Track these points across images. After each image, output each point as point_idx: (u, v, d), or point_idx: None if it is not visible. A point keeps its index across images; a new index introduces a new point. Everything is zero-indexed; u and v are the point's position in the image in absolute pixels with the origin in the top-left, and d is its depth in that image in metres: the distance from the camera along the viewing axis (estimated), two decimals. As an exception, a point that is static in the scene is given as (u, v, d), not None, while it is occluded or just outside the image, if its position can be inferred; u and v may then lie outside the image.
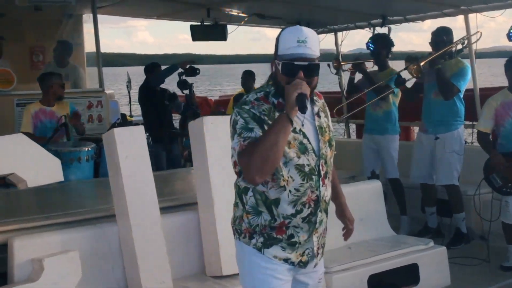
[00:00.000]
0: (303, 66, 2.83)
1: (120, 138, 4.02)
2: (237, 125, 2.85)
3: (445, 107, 6.56)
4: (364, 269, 4.63)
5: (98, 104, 8.22)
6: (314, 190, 2.94)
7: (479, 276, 5.71)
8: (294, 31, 2.87)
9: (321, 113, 3.05)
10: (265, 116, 2.86)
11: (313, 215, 2.97)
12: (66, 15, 8.98)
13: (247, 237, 2.98)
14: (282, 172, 2.87)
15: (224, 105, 10.97)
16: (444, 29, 6.68)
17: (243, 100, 2.93)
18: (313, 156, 2.93)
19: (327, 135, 3.02)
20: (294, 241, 2.95)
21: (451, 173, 6.57)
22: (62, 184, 5.20)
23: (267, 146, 2.73)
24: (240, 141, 2.81)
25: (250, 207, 2.96)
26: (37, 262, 3.71)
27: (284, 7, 8.58)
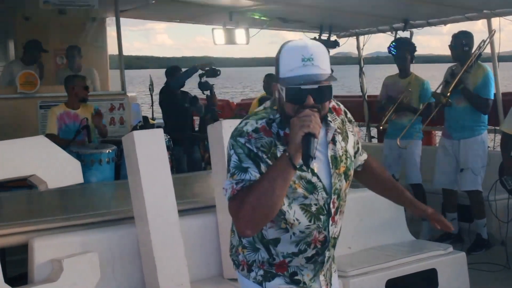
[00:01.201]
0: (312, 90, 2.34)
1: (140, 141, 4.05)
2: (231, 162, 2.42)
3: (468, 113, 6.54)
4: (382, 274, 4.60)
5: (120, 106, 8.30)
6: (322, 230, 2.55)
7: (499, 282, 5.67)
8: (297, 48, 2.39)
9: (337, 137, 2.56)
10: (264, 153, 2.40)
11: (319, 255, 2.61)
12: (89, 19, 9.10)
13: (246, 270, 2.64)
14: (286, 215, 2.48)
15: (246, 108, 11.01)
16: (465, 32, 6.67)
17: (239, 131, 2.45)
18: (323, 194, 2.51)
19: (342, 166, 2.55)
20: (297, 279, 2.62)
21: (476, 179, 6.54)
22: (83, 186, 5.26)
23: (261, 194, 2.30)
24: (233, 184, 2.38)
25: (247, 241, 2.61)
26: (56, 263, 3.75)
27: (306, 11, 8.59)
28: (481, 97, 6.49)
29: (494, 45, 7.38)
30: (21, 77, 7.73)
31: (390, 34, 8.63)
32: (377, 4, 7.83)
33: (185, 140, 8.02)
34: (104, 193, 5.80)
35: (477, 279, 5.38)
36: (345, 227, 2.89)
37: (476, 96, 6.49)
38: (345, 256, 3.91)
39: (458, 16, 7.76)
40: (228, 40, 9.49)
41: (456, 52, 6.61)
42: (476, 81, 6.51)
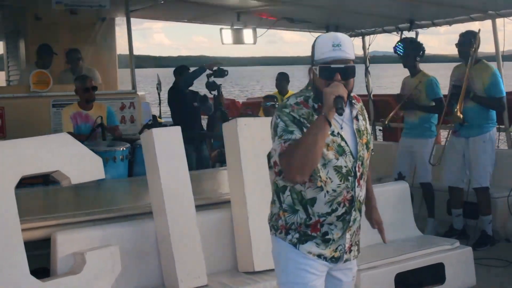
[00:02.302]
0: (340, 69, 2.93)
1: (158, 138, 4.19)
2: (278, 128, 2.96)
3: (476, 111, 6.63)
4: (391, 268, 4.74)
5: (131, 105, 8.42)
6: (350, 190, 3.05)
7: (505, 278, 5.79)
8: (329, 37, 3.00)
9: (359, 116, 3.13)
10: (305, 119, 2.96)
11: (348, 214, 3.07)
12: (99, 19, 9.21)
13: (283, 233, 3.09)
14: (320, 173, 2.97)
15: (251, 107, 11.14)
16: (472, 32, 6.78)
17: (284, 104, 3.05)
18: (351, 158, 3.03)
19: (364, 138, 3.11)
20: (328, 238, 3.07)
21: (485, 175, 6.64)
22: (98, 183, 5.37)
23: (306, 147, 2.83)
24: (281, 143, 2.91)
25: (287, 205, 3.08)
26: (79, 256, 3.88)
27: (313, 11, 8.70)
28: (495, 97, 6.59)
29: (498, 45, 7.50)
30: (34, 76, 7.85)
31: (396, 34, 8.74)
32: (383, 4, 7.94)
33: (194, 138, 8.14)
34: (120, 189, 5.92)
35: (482, 274, 5.50)
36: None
37: (489, 99, 6.59)
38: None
39: (463, 16, 7.86)
40: (235, 40, 9.61)
41: (464, 51, 6.72)
42: (484, 82, 6.61)
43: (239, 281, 4.28)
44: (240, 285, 4.21)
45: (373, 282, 4.63)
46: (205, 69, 8.07)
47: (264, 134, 3.92)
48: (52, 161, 3.82)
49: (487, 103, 6.61)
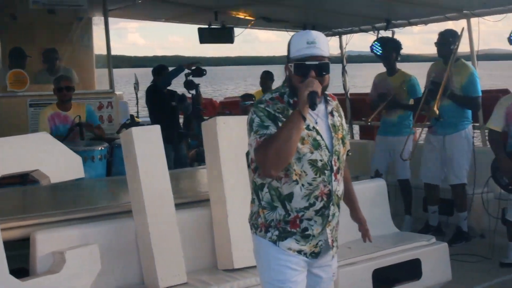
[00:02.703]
0: (314, 65, 3.00)
1: (138, 137, 4.20)
2: (254, 123, 3.04)
3: (452, 110, 6.75)
4: (368, 264, 4.80)
5: (109, 104, 8.41)
6: (327, 184, 3.10)
7: (480, 272, 5.90)
8: (304, 34, 3.07)
9: (334, 113, 3.20)
10: (280, 113, 3.03)
11: (326, 209, 3.13)
12: (77, 18, 9.16)
13: (263, 231, 3.15)
14: (295, 167, 3.03)
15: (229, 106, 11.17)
16: (451, 31, 6.90)
17: (259, 100, 3.14)
18: (326, 152, 3.09)
19: (340, 133, 3.17)
20: (308, 233, 3.12)
21: (461, 173, 6.76)
22: (76, 182, 5.37)
23: (281, 141, 2.90)
24: (256, 138, 3.00)
25: (266, 202, 3.14)
26: (58, 255, 3.87)
27: (291, 11, 8.77)
28: (471, 96, 6.70)
29: (473, 44, 7.62)
30: (11, 76, 7.80)
31: (373, 33, 8.83)
32: (360, 4, 8.02)
33: (173, 138, 8.15)
34: (99, 188, 5.92)
35: (457, 269, 5.59)
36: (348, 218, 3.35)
37: (465, 98, 6.70)
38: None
39: (439, 16, 7.97)
40: (213, 40, 9.63)
41: (443, 49, 6.84)
42: (462, 81, 6.72)
43: (219, 279, 4.30)
44: (219, 283, 4.23)
45: (351, 278, 4.68)
46: (183, 68, 8.09)
47: (243, 132, 3.92)
48: (32, 160, 3.83)
49: (463, 101, 6.72)
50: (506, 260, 6.08)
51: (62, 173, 3.94)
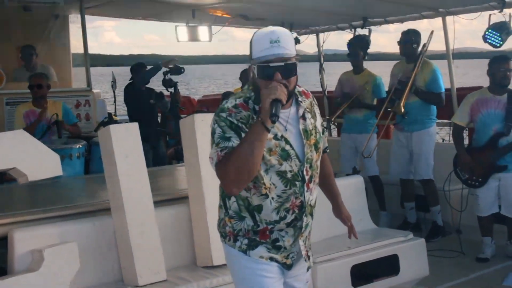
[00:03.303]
0: (279, 67, 2.71)
1: (116, 135, 4.20)
2: (215, 134, 2.79)
3: (419, 107, 6.88)
4: (347, 260, 4.83)
5: (86, 103, 8.39)
6: (298, 196, 2.88)
7: (456, 268, 5.98)
8: (266, 33, 2.76)
9: (306, 114, 2.92)
10: (243, 124, 2.76)
11: (298, 220, 2.92)
12: (53, 16, 9.10)
13: (232, 240, 2.95)
14: (264, 180, 2.81)
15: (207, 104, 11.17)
16: (413, 30, 7.02)
17: (221, 107, 2.84)
18: (297, 162, 2.85)
19: (312, 138, 2.92)
20: (279, 245, 2.92)
21: (428, 168, 6.89)
22: (54, 180, 5.34)
23: (242, 156, 2.64)
24: (217, 152, 2.75)
25: (233, 212, 2.93)
26: (37, 253, 3.86)
27: (268, 9, 8.77)
28: (434, 93, 6.82)
29: (448, 42, 7.69)
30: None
31: (350, 31, 8.89)
32: (337, 1, 8.07)
33: (151, 136, 8.13)
34: (77, 186, 5.89)
35: (435, 264, 5.67)
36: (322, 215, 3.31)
37: (430, 93, 6.82)
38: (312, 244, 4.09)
39: (415, 14, 8.04)
40: (191, 37, 9.60)
41: (405, 48, 6.96)
42: (425, 78, 6.86)
43: (198, 276, 4.31)
44: (199, 280, 4.24)
45: (329, 275, 4.72)
46: (161, 67, 8.07)
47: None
48: (9, 158, 3.80)
49: (427, 97, 6.85)
50: (482, 255, 6.17)
51: (40, 171, 3.91)
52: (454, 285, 5.62)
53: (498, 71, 6.06)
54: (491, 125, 6.05)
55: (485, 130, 6.08)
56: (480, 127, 6.15)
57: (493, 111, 6.06)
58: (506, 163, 5.99)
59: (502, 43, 6.82)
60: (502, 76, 6.06)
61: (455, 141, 6.33)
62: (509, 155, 5.98)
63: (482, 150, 6.07)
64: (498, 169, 6.00)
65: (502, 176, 6.02)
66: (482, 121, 6.11)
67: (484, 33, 6.85)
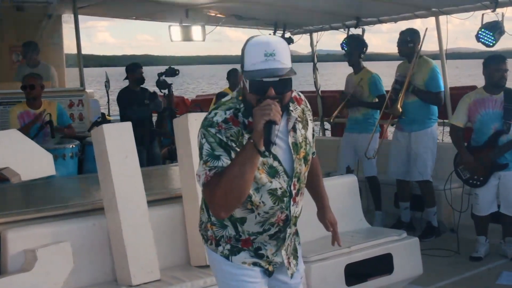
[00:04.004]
0: (273, 82, 2.54)
1: (109, 134, 4.18)
2: (203, 150, 2.64)
3: (417, 107, 6.86)
4: (341, 259, 4.82)
5: (79, 103, 8.38)
6: (284, 210, 2.81)
7: (450, 267, 5.99)
8: (260, 44, 2.59)
9: (297, 125, 2.79)
10: (233, 142, 2.62)
11: (281, 232, 2.87)
12: (46, 16, 9.08)
13: (214, 245, 2.90)
14: (253, 198, 2.72)
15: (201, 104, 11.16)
16: (410, 29, 7.02)
17: (210, 121, 2.67)
18: (285, 177, 2.75)
19: (302, 151, 2.80)
20: (261, 253, 2.88)
21: (426, 169, 6.87)
22: (48, 180, 5.33)
23: (231, 179, 2.52)
24: (206, 171, 2.61)
25: (216, 219, 2.84)
26: (30, 253, 3.84)
27: (262, 9, 8.78)
28: (432, 92, 6.81)
29: (442, 42, 7.71)
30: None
31: (343, 31, 8.90)
32: (330, 1, 8.08)
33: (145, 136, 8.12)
34: (70, 186, 5.88)
35: (429, 263, 5.67)
36: (307, 216, 3.22)
37: (427, 93, 6.81)
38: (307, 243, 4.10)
39: (408, 14, 8.06)
40: (184, 37, 9.59)
41: (402, 48, 6.96)
42: (424, 77, 6.84)
43: (192, 275, 4.29)
44: (192, 279, 4.22)
45: (323, 274, 4.71)
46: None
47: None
48: (2, 157, 3.78)
49: (425, 96, 6.83)
50: (476, 254, 6.18)
51: (33, 170, 3.90)
52: (447, 284, 5.63)
53: (495, 71, 6.06)
54: (490, 124, 6.06)
55: (485, 129, 6.08)
56: (479, 127, 6.14)
57: (491, 110, 6.07)
58: (507, 161, 6.00)
59: (495, 42, 6.84)
60: (500, 77, 6.05)
61: (455, 142, 6.30)
62: (510, 153, 6.00)
63: (483, 149, 6.07)
64: (499, 168, 6.01)
65: (502, 174, 6.03)
66: (481, 121, 6.11)
67: (477, 32, 6.87)
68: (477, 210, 6.17)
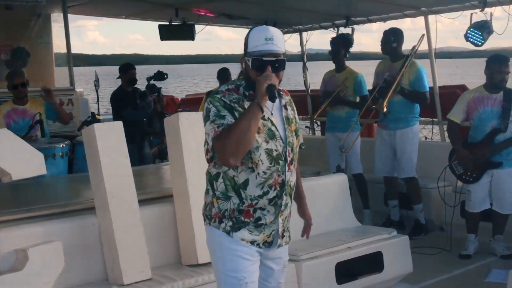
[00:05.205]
0: (271, 61, 3.13)
1: (100, 133, 4.18)
2: (210, 113, 3.12)
3: (402, 105, 6.92)
4: (331, 257, 4.84)
5: (69, 102, 8.36)
6: (280, 174, 3.21)
7: (439, 264, 6.03)
8: (262, 30, 3.17)
9: (288, 106, 3.33)
10: (235, 104, 3.14)
11: (279, 198, 3.23)
12: (35, 15, 9.05)
13: (217, 222, 3.23)
14: (252, 155, 3.13)
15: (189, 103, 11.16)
16: (394, 30, 7.08)
17: (215, 90, 3.22)
18: (281, 142, 3.21)
19: (293, 125, 3.30)
20: (261, 223, 3.21)
21: (411, 166, 6.93)
22: (38, 180, 5.33)
23: (240, 131, 3.01)
24: (214, 128, 3.08)
25: (220, 192, 3.22)
26: (21, 252, 3.82)
27: (251, 8, 8.79)
28: (419, 91, 6.87)
29: (431, 41, 7.75)
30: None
31: (333, 30, 8.93)
32: (320, 1, 8.10)
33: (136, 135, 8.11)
34: (61, 185, 5.86)
35: (418, 261, 5.69)
36: (296, 215, 3.46)
37: (414, 92, 6.86)
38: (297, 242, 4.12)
39: (397, 13, 8.09)
40: (174, 36, 9.59)
41: (385, 48, 7.02)
42: (410, 77, 6.90)
43: (183, 274, 4.30)
44: (184, 278, 4.23)
45: (314, 272, 4.73)
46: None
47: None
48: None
49: (412, 96, 6.88)
50: (465, 252, 6.22)
51: (24, 169, 3.88)
52: (437, 281, 5.66)
53: (496, 73, 6.10)
54: (487, 122, 6.10)
55: (482, 127, 6.13)
56: (477, 124, 6.18)
57: (490, 109, 6.11)
58: (501, 160, 6.04)
59: (484, 41, 6.89)
60: (501, 79, 6.10)
61: (451, 137, 6.39)
62: (505, 152, 6.04)
63: (479, 146, 6.11)
64: (493, 166, 6.05)
65: (495, 172, 6.08)
66: (479, 119, 6.15)
67: (466, 32, 6.91)
68: (470, 207, 6.22)
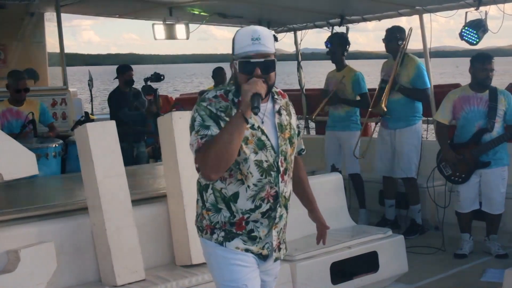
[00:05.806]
0: (259, 63, 2.90)
1: (93, 133, 4.15)
2: (195, 122, 2.94)
3: (402, 104, 6.87)
4: (326, 257, 4.82)
5: (62, 101, 8.31)
6: (273, 185, 3.01)
7: (435, 264, 6.01)
8: (248, 31, 2.96)
9: (282, 111, 3.09)
10: (222, 112, 2.93)
11: (273, 211, 3.04)
12: (28, 14, 9.00)
13: (209, 233, 3.06)
14: (240, 167, 2.95)
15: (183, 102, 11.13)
16: (398, 27, 7.03)
17: (202, 98, 3.01)
18: (272, 152, 3.00)
19: (287, 132, 3.07)
20: (254, 235, 3.04)
21: (410, 167, 6.89)
22: (30, 180, 5.29)
23: (221, 145, 2.80)
24: (198, 139, 2.90)
25: (210, 204, 3.05)
26: (13, 253, 3.79)
27: (245, 7, 8.76)
28: (419, 89, 6.83)
29: (425, 40, 7.73)
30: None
31: (327, 29, 8.90)
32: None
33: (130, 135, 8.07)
34: (53, 186, 5.81)
35: (414, 261, 5.68)
36: (291, 214, 3.27)
37: (414, 90, 6.83)
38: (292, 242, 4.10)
39: (392, 12, 8.07)
40: (168, 36, 9.53)
41: (390, 46, 6.96)
42: (409, 73, 6.85)
43: (177, 275, 4.27)
44: (178, 279, 4.20)
45: (309, 272, 4.71)
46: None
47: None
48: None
49: (412, 94, 6.85)
50: (460, 251, 6.21)
51: (15, 170, 3.83)
52: (432, 281, 5.64)
53: (480, 71, 6.07)
54: (474, 122, 6.07)
55: (468, 127, 6.10)
56: (463, 124, 6.15)
57: (476, 108, 6.07)
58: (489, 159, 6.02)
59: (479, 40, 6.86)
60: (485, 76, 6.06)
61: (438, 138, 6.36)
62: (492, 152, 6.02)
63: (466, 146, 6.09)
64: (481, 166, 6.03)
65: (483, 172, 6.06)
66: (465, 118, 6.12)
67: (461, 30, 6.88)
68: (459, 207, 6.21)
